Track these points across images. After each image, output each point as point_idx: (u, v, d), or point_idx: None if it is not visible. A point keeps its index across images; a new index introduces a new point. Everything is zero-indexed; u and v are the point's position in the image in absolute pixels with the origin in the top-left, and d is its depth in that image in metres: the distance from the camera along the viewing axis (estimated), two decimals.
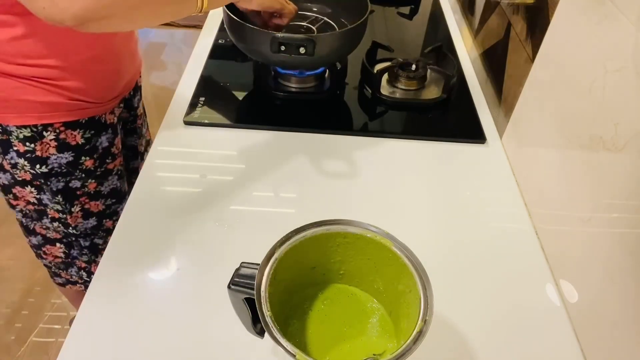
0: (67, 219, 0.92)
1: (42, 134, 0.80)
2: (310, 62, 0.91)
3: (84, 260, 1.03)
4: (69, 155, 0.85)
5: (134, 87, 0.99)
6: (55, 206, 0.90)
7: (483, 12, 1.09)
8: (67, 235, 0.97)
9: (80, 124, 0.83)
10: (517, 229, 0.74)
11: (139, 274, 0.65)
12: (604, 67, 0.59)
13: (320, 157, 0.83)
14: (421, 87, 0.99)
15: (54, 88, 0.77)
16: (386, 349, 0.51)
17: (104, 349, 0.57)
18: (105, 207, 0.96)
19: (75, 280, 1.08)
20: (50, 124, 0.80)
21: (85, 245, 0.99)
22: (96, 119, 0.86)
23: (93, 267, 1.04)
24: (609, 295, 0.55)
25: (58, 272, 1.07)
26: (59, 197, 0.88)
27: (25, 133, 0.79)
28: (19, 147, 0.80)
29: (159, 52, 2.76)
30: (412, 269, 0.49)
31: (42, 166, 0.83)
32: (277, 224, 0.71)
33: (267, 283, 0.46)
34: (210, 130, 0.87)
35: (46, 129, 0.80)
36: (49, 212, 0.91)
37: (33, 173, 0.84)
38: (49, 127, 0.80)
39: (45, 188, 0.87)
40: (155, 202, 0.74)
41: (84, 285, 1.09)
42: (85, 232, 0.97)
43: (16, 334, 1.47)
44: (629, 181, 0.53)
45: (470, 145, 0.88)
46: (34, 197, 0.88)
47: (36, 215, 0.93)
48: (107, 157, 0.91)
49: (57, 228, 0.95)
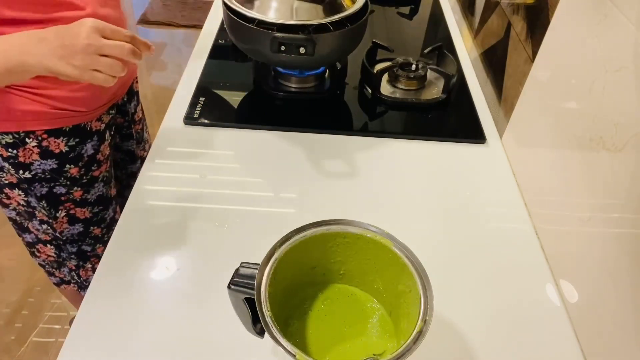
0: (53, 224, 0.92)
1: (24, 141, 0.79)
2: (310, 62, 0.91)
3: (73, 264, 1.02)
4: (52, 162, 0.84)
5: (128, 93, 0.98)
6: (41, 210, 0.90)
7: (483, 12, 1.09)
8: (55, 239, 0.97)
9: (63, 132, 0.82)
10: (517, 229, 0.74)
11: (139, 274, 0.65)
12: (604, 67, 0.59)
13: (320, 157, 0.83)
14: (421, 87, 0.99)
15: (37, 97, 0.76)
16: (386, 349, 0.51)
17: (103, 349, 0.57)
18: (92, 214, 0.95)
19: (69, 280, 1.08)
20: (32, 131, 0.79)
21: (73, 250, 0.99)
22: (81, 126, 0.85)
23: (82, 271, 1.04)
24: (608, 295, 0.55)
25: (52, 271, 1.07)
26: (43, 202, 0.88)
27: (7, 139, 0.78)
28: (2, 152, 0.80)
29: (159, 52, 2.76)
30: (412, 269, 0.49)
31: (25, 172, 0.83)
32: (277, 224, 0.71)
33: (267, 283, 0.46)
34: (210, 130, 0.87)
35: (28, 136, 0.79)
36: (37, 214, 0.91)
37: (18, 177, 0.83)
38: (30, 134, 0.79)
39: (30, 192, 0.86)
40: (155, 202, 0.74)
41: (77, 285, 1.09)
42: (72, 237, 0.96)
43: (16, 334, 1.47)
44: (629, 181, 0.53)
45: (470, 145, 0.88)
46: (22, 199, 0.88)
47: (27, 216, 0.93)
48: (93, 165, 0.90)
49: (46, 230, 0.95)
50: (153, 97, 2.39)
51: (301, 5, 0.84)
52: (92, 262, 1.03)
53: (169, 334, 0.58)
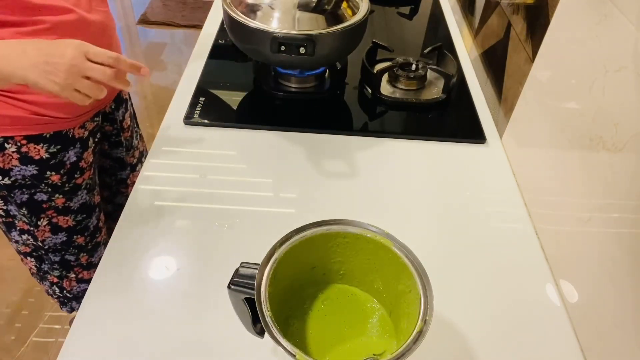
0: (34, 232, 0.90)
1: (3, 146, 0.79)
2: (310, 62, 0.91)
3: (55, 275, 1.00)
4: (32, 168, 0.82)
5: (116, 100, 0.97)
6: (22, 218, 0.88)
7: (483, 12, 1.09)
8: (36, 249, 0.95)
9: (43, 138, 0.81)
10: (517, 229, 0.74)
11: (139, 274, 0.65)
12: (604, 67, 0.59)
13: (320, 157, 0.83)
14: (421, 87, 0.99)
15: (16, 102, 0.76)
16: (386, 349, 0.51)
17: (103, 349, 0.57)
18: (75, 222, 0.94)
19: (51, 293, 1.06)
20: (11, 136, 0.78)
21: (56, 260, 0.97)
22: (63, 133, 0.83)
23: (65, 282, 1.02)
24: (608, 295, 0.55)
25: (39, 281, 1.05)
26: (24, 210, 0.87)
27: None
28: None
29: (159, 52, 2.76)
30: (412, 269, 0.49)
31: (4, 178, 0.82)
32: (277, 224, 0.71)
33: (267, 283, 0.46)
34: (210, 130, 0.87)
35: (7, 141, 0.78)
36: (17, 223, 0.89)
37: None
38: (9, 139, 0.78)
39: (10, 200, 0.85)
40: (155, 202, 0.74)
41: (58, 301, 1.07)
42: (55, 247, 0.94)
43: (16, 334, 1.47)
44: (629, 181, 0.53)
45: (470, 145, 0.88)
46: (1, 207, 0.87)
47: (5, 228, 0.91)
48: (76, 172, 0.89)
49: (26, 241, 0.93)
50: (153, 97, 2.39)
51: (303, 15, 0.84)
52: (75, 271, 1.01)
53: (169, 333, 0.58)
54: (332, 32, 0.85)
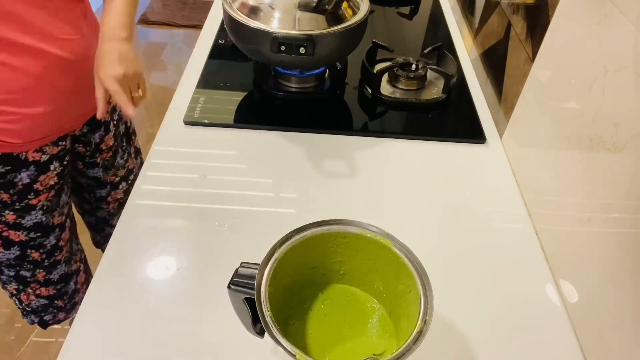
0: None
1: None
2: (310, 62, 0.91)
3: (13, 288, 0.99)
4: None
5: (90, 124, 0.95)
6: None
7: (483, 12, 1.09)
8: None
9: None
10: (517, 229, 0.74)
11: (139, 274, 0.65)
12: (604, 67, 0.59)
13: (320, 157, 0.83)
14: (421, 87, 0.99)
15: None
16: (386, 349, 0.51)
17: (103, 349, 0.57)
18: (28, 238, 0.92)
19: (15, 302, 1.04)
20: None
21: (11, 274, 0.95)
22: (14, 155, 0.83)
23: (23, 296, 1.00)
24: (608, 295, 0.55)
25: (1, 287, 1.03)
26: None
27: None
28: None
29: (159, 52, 2.76)
30: (412, 269, 0.49)
31: None
32: (277, 224, 0.71)
33: (267, 283, 0.46)
34: (210, 130, 0.87)
35: None
36: None
37: None
38: None
39: None
40: (155, 202, 0.74)
41: (20, 311, 1.05)
42: (9, 262, 0.93)
43: (16, 334, 1.47)
44: (629, 181, 0.53)
45: (470, 145, 0.88)
46: None
47: None
48: (29, 193, 0.88)
49: None
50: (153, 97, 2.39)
51: (303, 15, 0.84)
52: (32, 287, 0.99)
53: (169, 333, 0.58)
54: (332, 32, 0.85)
